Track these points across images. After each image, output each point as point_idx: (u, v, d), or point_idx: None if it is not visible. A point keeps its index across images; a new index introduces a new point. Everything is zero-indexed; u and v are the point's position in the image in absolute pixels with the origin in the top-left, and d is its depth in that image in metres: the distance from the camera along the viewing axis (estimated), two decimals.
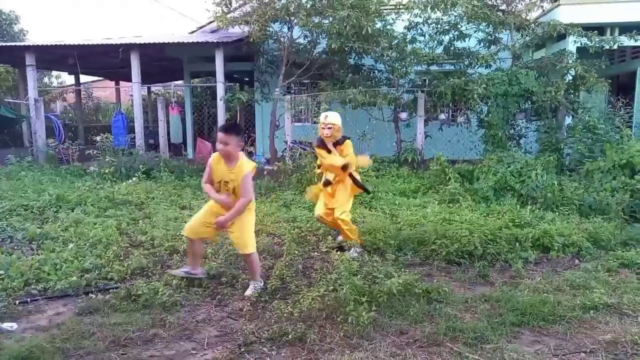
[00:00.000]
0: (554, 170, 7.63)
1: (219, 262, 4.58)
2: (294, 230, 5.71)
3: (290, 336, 3.13)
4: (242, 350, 3.05)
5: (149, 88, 18.45)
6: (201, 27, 14.14)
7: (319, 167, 5.33)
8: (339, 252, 4.84)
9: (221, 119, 11.58)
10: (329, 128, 4.85)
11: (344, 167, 4.90)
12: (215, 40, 11.49)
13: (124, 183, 7.91)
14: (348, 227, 5.00)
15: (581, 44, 9.82)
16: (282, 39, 11.52)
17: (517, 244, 4.95)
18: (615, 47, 9.82)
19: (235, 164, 3.79)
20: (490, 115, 9.46)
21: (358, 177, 5.25)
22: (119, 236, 5.33)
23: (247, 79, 16.57)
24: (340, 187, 5.07)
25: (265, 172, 9.28)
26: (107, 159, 9.02)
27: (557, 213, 6.14)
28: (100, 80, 19.96)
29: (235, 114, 12.09)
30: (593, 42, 9.57)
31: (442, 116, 11.60)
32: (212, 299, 3.87)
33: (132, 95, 12.71)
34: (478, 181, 7.61)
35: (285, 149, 10.31)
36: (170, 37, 12.33)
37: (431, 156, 9.13)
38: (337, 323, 3.36)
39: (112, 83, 18.74)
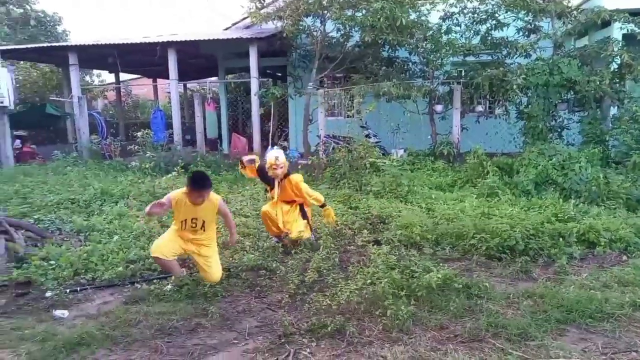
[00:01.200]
0: (598, 163, 7.33)
1: (257, 254, 4.64)
2: (329, 223, 5.72)
3: (329, 328, 3.15)
4: (282, 340, 3.10)
5: (185, 85, 18.87)
6: (235, 24, 14.30)
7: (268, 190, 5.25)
8: (375, 246, 4.83)
9: (255, 114, 11.72)
10: (280, 168, 4.88)
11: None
12: (249, 36, 11.62)
13: (164, 177, 8.13)
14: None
15: (628, 30, 9.34)
16: (314, 33, 11.52)
17: (561, 239, 4.78)
18: None
19: (203, 201, 3.86)
20: (530, 106, 9.16)
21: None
22: (160, 229, 5.49)
23: (279, 74, 16.67)
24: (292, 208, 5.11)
25: (299, 167, 9.34)
26: (147, 155, 9.31)
27: (602, 207, 5.91)
28: (138, 78, 20.56)
29: (269, 109, 12.19)
30: None
31: (479, 108, 11.31)
32: (252, 291, 3.95)
33: (169, 92, 13.04)
34: (518, 174, 7.40)
35: (318, 143, 10.33)
36: (206, 34, 12.53)
37: (467, 149, 8.95)
38: (375, 316, 3.36)
39: (150, 80, 19.28)
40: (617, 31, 9.59)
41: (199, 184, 3.84)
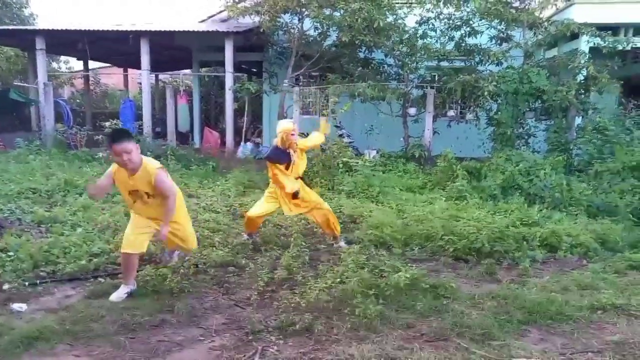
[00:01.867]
0: (562, 171, 7.58)
1: (227, 250, 4.59)
2: (300, 222, 5.72)
3: (297, 326, 3.14)
4: (250, 338, 3.07)
5: (157, 76, 18.45)
6: (211, 16, 14.08)
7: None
8: (346, 246, 4.86)
9: (229, 108, 11.58)
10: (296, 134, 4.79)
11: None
12: (225, 30, 11.47)
13: None
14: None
15: (594, 44, 9.73)
16: (292, 31, 11.48)
17: (525, 242, 4.93)
18: (629, 48, 9.72)
19: (138, 169, 3.54)
20: (499, 113, 9.41)
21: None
22: (126, 222, 5.34)
23: (255, 70, 16.53)
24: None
25: None
26: None
27: (565, 213, 6.11)
28: (108, 66, 19.97)
29: (243, 104, 12.08)
30: (606, 43, 9.48)
31: (451, 113, 11.55)
32: (220, 287, 3.90)
33: (140, 83, 12.73)
34: (485, 179, 7.58)
35: None
36: (181, 25, 12.29)
37: (439, 153, 9.10)
38: (344, 315, 3.37)
39: (121, 70, 18.76)
40: (584, 44, 9.97)
41: (113, 136, 3.51)
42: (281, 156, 4.74)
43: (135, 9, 47.98)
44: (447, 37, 10.89)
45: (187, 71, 17.02)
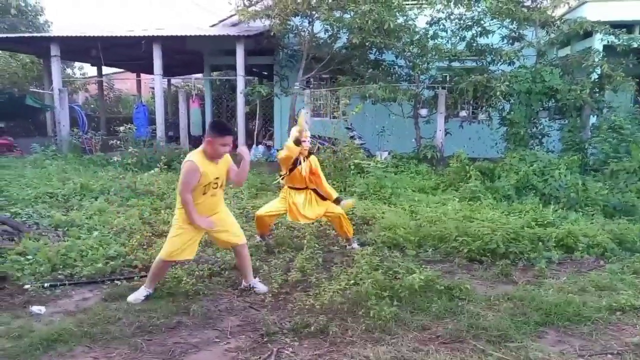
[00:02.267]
0: (577, 170, 7.49)
1: None
2: (313, 224, 5.71)
3: (312, 328, 3.15)
4: (265, 340, 3.08)
5: (169, 80, 18.64)
6: (222, 21, 14.20)
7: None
8: (359, 248, 4.86)
9: (241, 112, 11.65)
10: (308, 141, 4.73)
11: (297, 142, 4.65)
12: (236, 34, 11.55)
13: (146, 174, 8.01)
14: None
15: (608, 42, 9.59)
16: (302, 33, 11.51)
17: (540, 243, 4.87)
18: None
19: (220, 158, 3.60)
20: (512, 113, 9.32)
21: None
22: (142, 225, 5.41)
23: (266, 73, 16.61)
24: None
25: None
26: (129, 150, 9.15)
27: (580, 213, 6.04)
28: (121, 72, 20.23)
29: (254, 107, 12.14)
30: (621, 40, 9.34)
31: (463, 113, 11.47)
32: (234, 289, 3.92)
33: (152, 88, 12.87)
34: (499, 179, 7.52)
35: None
36: (192, 30, 12.41)
37: (451, 153, 9.05)
38: (358, 317, 3.37)
39: (134, 75, 18.99)
40: (598, 42, 9.84)
41: (227, 128, 3.62)
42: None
43: (147, 14, 48.59)
44: (458, 37, 10.83)
45: (199, 75, 17.16)
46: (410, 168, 9.48)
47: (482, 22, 10.44)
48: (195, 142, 12.88)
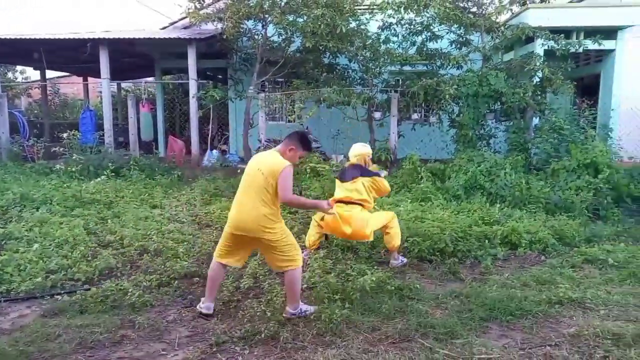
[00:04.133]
0: (521, 170, 7.83)
1: (191, 261, 4.51)
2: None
3: (262, 335, 3.12)
4: (214, 350, 3.02)
5: (118, 84, 18.00)
6: (173, 23, 13.87)
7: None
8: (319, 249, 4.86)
9: (194, 116, 11.42)
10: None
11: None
12: (187, 36, 11.31)
13: (92, 182, 7.69)
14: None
15: (548, 46, 10.10)
16: (256, 37, 11.43)
17: (487, 241, 5.06)
18: (581, 50, 10.13)
19: None
20: (461, 115, 9.63)
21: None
22: (86, 236, 5.18)
23: (220, 77, 16.37)
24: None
25: (238, 171, 9.20)
26: (74, 157, 8.75)
27: (524, 211, 6.31)
28: (67, 75, 19.35)
29: (207, 111, 11.92)
30: (560, 45, 9.85)
31: (415, 116, 11.74)
32: (184, 299, 3.82)
33: (100, 92, 12.38)
34: (449, 180, 7.74)
35: (259, 147, 10.24)
36: (140, 32, 12.04)
37: (404, 155, 9.23)
38: (310, 321, 3.37)
39: (80, 79, 18.19)
40: (539, 47, 10.33)
41: (311, 146, 3.62)
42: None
43: (98, 17, 46.77)
44: (409, 42, 11.09)
45: (150, 79, 16.69)
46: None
47: (431, 27, 10.74)
48: (146, 147, 12.52)
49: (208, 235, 5.45)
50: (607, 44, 10.22)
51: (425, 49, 11.03)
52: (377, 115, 11.08)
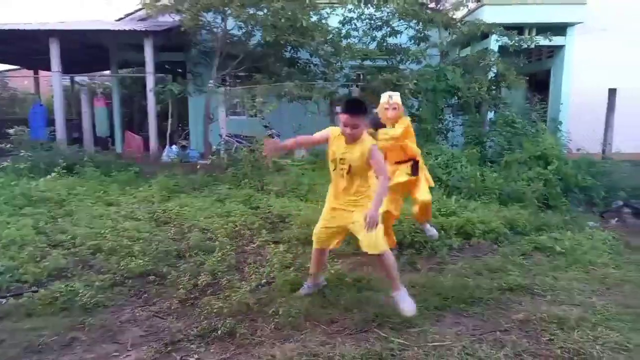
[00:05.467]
0: (477, 162, 8.08)
1: (147, 259, 4.39)
2: (227, 225, 5.61)
3: (219, 332, 3.09)
4: (169, 349, 2.96)
5: (72, 78, 17.27)
6: (130, 14, 13.44)
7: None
8: (273, 245, 4.84)
9: (152, 111, 11.12)
10: (393, 109, 4.39)
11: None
12: (143, 29, 10.98)
13: (42, 179, 7.36)
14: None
15: (502, 42, 10.44)
16: (215, 30, 11.23)
17: (443, 231, 5.19)
18: (533, 46, 10.54)
19: (357, 142, 3.31)
20: (420, 110, 9.82)
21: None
22: (35, 236, 4.95)
23: (180, 70, 16.00)
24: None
25: (198, 167, 9.04)
26: (22, 154, 8.35)
27: (479, 202, 6.52)
28: (17, 69, 18.39)
29: (166, 106, 11.62)
30: (513, 41, 10.21)
31: (376, 111, 11.87)
32: (138, 298, 3.72)
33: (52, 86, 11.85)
34: None
35: (220, 142, 10.10)
36: (94, 24, 11.60)
37: None
38: (269, 316, 3.36)
39: (31, 72, 17.32)
40: (494, 43, 10.67)
41: (349, 106, 3.27)
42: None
43: (52, 9, 44.58)
44: (369, 37, 11.20)
45: (106, 72, 16.10)
46: (328, 165, 9.61)
47: (391, 22, 10.88)
48: (102, 143, 12.11)
49: (165, 232, 5.33)
50: (557, 40, 10.68)
51: (385, 44, 11.17)
52: (339, 110, 11.12)
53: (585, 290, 3.84)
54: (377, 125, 4.38)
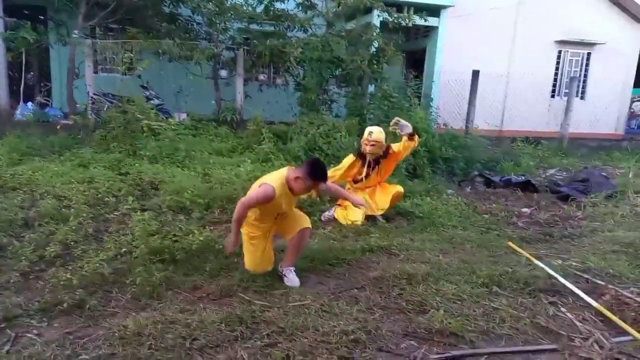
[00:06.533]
0: (356, 133, 8.41)
1: None
2: (89, 191, 5.13)
3: (65, 305, 2.84)
4: (3, 325, 2.66)
5: None
6: None
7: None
8: (139, 213, 4.55)
9: (1, 61, 9.59)
10: (372, 145, 5.06)
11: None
12: None
13: None
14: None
15: (383, 18, 10.84)
16: None
17: (318, 198, 5.35)
18: (410, 24, 11.11)
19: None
20: (305, 79, 9.87)
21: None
22: None
23: (42, 18, 13.95)
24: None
25: (58, 127, 8.10)
26: None
27: None
28: None
29: (19, 56, 10.07)
30: (392, 18, 10.65)
31: (262, 77, 11.69)
32: None
33: None
34: (291, 141, 7.95)
35: (88, 101, 9.10)
36: None
37: (251, 116, 9.17)
38: (125, 286, 3.18)
39: None
40: (376, 18, 11.04)
41: (324, 175, 3.39)
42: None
43: None
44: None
45: None
46: (210, 130, 9.26)
47: None
48: None
49: (11, 199, 4.70)
50: (432, 21, 11.40)
51: (272, 8, 10.89)
52: (224, 73, 10.72)
53: (434, 249, 4.26)
54: (360, 155, 5.24)
